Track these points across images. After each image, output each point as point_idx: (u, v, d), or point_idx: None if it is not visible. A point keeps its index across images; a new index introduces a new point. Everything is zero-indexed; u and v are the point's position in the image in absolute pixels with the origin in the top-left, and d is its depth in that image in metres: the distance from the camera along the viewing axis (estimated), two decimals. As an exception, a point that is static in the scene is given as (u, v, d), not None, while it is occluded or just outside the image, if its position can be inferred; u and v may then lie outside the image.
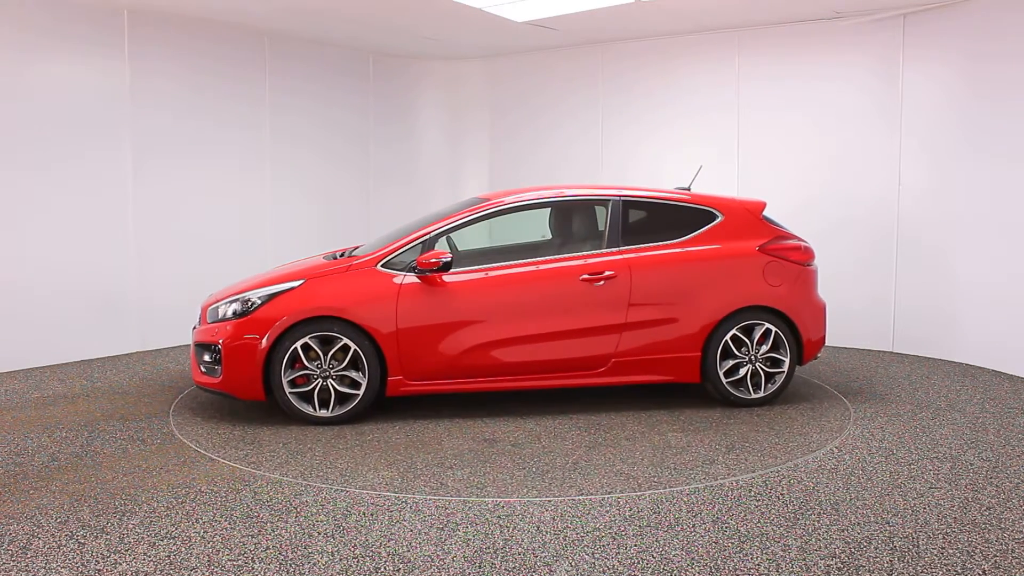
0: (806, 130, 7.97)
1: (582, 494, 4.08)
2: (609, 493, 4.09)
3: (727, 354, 5.66)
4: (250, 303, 5.34)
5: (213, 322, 5.46)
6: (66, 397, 6.02)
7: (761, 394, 5.71)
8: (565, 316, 5.51)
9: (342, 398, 5.31)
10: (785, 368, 5.71)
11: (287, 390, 5.24)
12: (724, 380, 5.65)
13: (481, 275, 5.51)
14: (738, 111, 8.29)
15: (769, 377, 5.73)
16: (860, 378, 6.65)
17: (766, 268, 5.71)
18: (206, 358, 5.45)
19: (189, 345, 7.73)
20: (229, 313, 5.39)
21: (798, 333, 5.75)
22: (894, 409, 5.70)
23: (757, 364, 5.69)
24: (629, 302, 5.55)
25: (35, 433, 5.12)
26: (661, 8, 7.42)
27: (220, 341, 5.30)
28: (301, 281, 5.38)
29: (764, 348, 5.67)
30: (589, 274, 5.53)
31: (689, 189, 6.24)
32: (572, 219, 6.08)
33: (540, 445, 4.92)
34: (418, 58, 9.98)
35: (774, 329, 5.67)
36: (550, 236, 6.18)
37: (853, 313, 7.58)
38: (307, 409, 5.28)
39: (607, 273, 5.53)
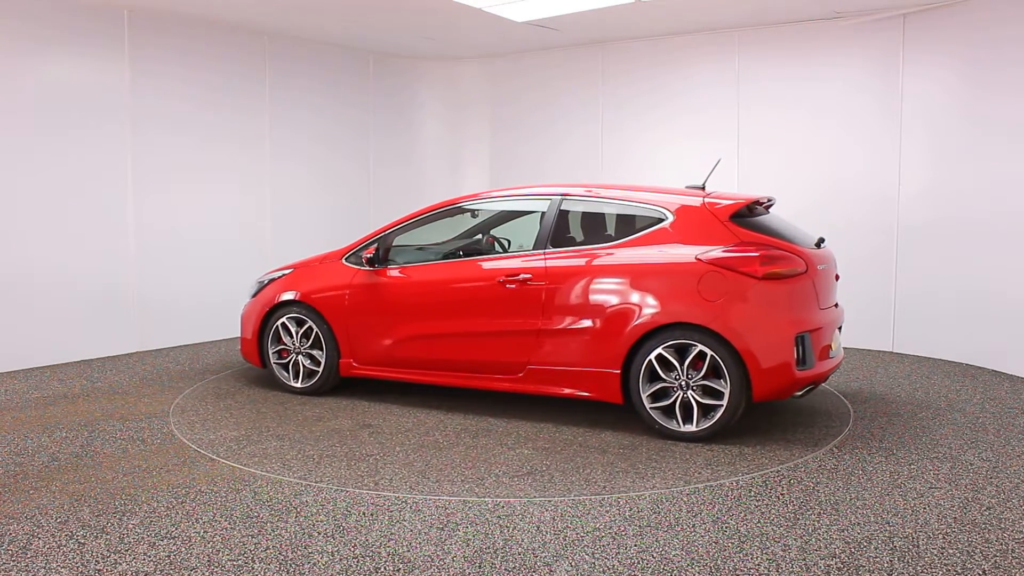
0: (806, 130, 7.97)
1: (390, 489, 4.08)
2: (611, 493, 4.10)
3: (655, 377, 4.96)
4: (260, 284, 6.44)
5: (250, 299, 6.50)
6: (66, 397, 6.02)
7: (692, 428, 4.86)
8: (481, 317, 5.48)
9: (309, 373, 6.11)
10: (724, 401, 4.80)
11: (273, 361, 6.22)
12: (648, 406, 4.94)
13: (417, 272, 5.78)
14: (738, 111, 8.29)
15: (707, 410, 4.87)
16: (860, 378, 6.65)
17: (703, 280, 4.84)
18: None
19: (189, 344, 8.05)
20: (253, 292, 6.49)
21: (742, 360, 4.77)
22: (894, 409, 5.69)
23: (689, 392, 4.87)
24: (543, 308, 5.26)
25: (35, 433, 5.13)
26: (661, 8, 7.41)
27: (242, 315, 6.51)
28: (291, 270, 6.32)
29: (698, 374, 4.84)
30: (506, 276, 5.39)
31: (704, 187, 5.54)
32: (525, 219, 6.02)
33: (394, 437, 5.06)
34: (418, 58, 9.98)
35: (709, 353, 4.78)
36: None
37: (853, 313, 7.57)
38: (285, 378, 6.19)
39: (522, 276, 5.32)
